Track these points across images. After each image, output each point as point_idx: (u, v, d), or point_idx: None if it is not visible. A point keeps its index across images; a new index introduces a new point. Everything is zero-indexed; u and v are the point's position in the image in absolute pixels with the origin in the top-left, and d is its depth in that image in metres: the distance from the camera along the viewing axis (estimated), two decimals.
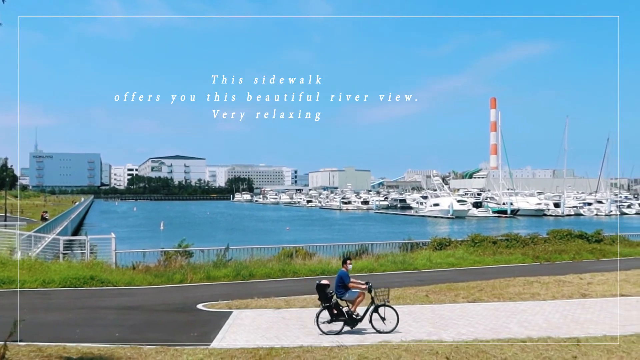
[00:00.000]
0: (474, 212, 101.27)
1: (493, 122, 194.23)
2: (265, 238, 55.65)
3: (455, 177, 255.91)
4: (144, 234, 63.72)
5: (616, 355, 10.46)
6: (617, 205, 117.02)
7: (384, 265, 24.50)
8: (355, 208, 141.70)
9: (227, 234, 61.68)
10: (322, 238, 54.27)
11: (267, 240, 47.25)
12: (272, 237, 59.84)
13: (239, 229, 75.44)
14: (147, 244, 38.99)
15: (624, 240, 32.01)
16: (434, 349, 10.74)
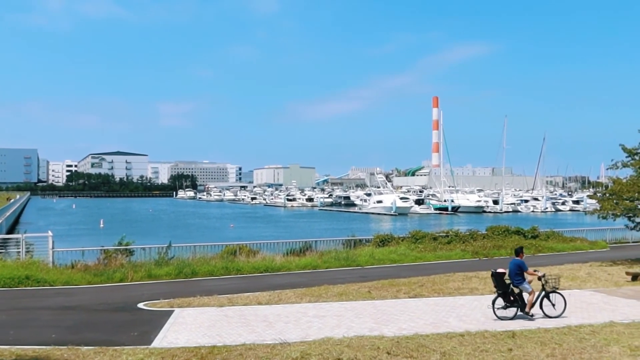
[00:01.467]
0: (416, 209, 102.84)
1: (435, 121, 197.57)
2: (208, 235, 55.10)
3: (399, 174, 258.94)
4: (83, 232, 62.09)
5: (549, 347, 10.85)
6: (552, 202, 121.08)
7: (328, 262, 24.65)
8: (300, 205, 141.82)
9: (170, 232, 60.77)
10: (266, 235, 54.14)
11: (210, 238, 46.83)
12: (215, 234, 59.31)
13: (182, 227, 74.43)
14: (87, 242, 38.04)
15: (558, 236, 33.14)
16: (375, 344, 10.90)
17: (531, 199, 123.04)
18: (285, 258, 25.26)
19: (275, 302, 16.06)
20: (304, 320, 13.50)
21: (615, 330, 12.35)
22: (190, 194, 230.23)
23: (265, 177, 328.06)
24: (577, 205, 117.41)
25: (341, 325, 12.87)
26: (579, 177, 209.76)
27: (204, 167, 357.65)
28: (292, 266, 23.81)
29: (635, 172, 26.14)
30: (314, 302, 16.05)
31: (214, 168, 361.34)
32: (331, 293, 17.52)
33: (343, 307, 15.25)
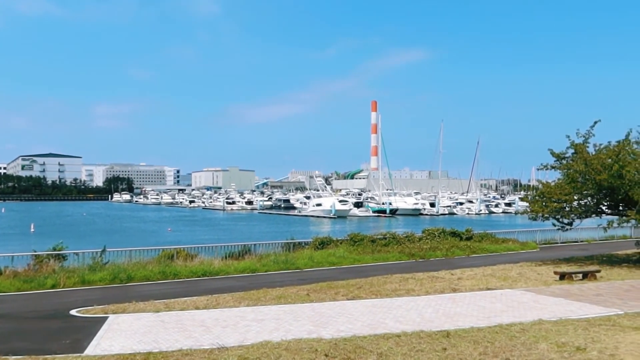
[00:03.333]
0: (355, 212, 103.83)
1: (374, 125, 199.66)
2: (145, 239, 53.98)
3: (338, 177, 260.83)
4: (12, 237, 59.71)
5: (481, 345, 11.16)
6: (486, 204, 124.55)
7: (267, 266, 24.60)
8: (240, 208, 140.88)
9: (105, 236, 59.12)
10: (204, 239, 53.43)
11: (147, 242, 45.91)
12: (152, 238, 58.17)
13: (118, 231, 72.65)
14: (16, 247, 36.58)
15: (491, 237, 34.13)
16: (313, 346, 10.96)
17: (466, 201, 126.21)
18: (224, 262, 25.06)
19: (213, 307, 15.91)
20: (242, 324, 13.44)
21: (543, 327, 12.81)
22: (127, 197, 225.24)
23: (204, 180, 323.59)
24: (509, 207, 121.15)
25: (280, 328, 12.87)
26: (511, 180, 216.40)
27: (140, 169, 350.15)
28: (231, 270, 23.65)
29: (562, 175, 27.23)
30: (252, 305, 16.00)
31: (152, 171, 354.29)
32: (270, 296, 17.50)
33: (282, 310, 15.25)
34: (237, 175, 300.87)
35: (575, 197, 27.07)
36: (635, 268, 24.40)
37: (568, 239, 36.21)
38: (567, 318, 13.94)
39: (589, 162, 25.31)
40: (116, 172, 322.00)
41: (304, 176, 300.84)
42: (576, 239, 37.13)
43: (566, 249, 33.20)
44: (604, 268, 23.89)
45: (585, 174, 25.60)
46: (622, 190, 25.00)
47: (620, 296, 17.44)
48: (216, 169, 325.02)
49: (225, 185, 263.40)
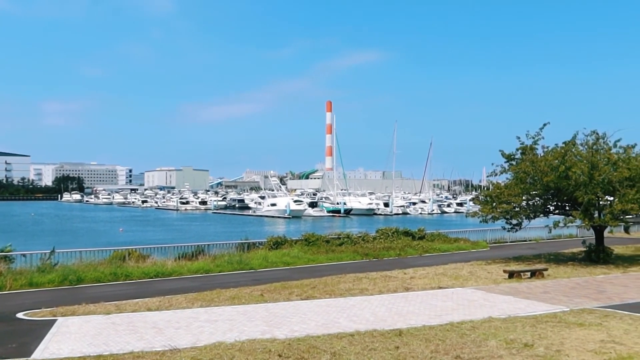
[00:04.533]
0: (309, 212, 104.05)
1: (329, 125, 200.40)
2: (96, 240, 52.99)
3: (293, 177, 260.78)
4: None
5: (433, 343, 11.36)
6: (438, 204, 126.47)
7: (221, 266, 24.43)
8: (194, 208, 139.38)
9: (54, 237, 57.73)
10: (157, 239, 52.66)
11: (98, 243, 45.09)
12: (104, 239, 57.09)
13: (68, 231, 71.00)
14: None
15: (443, 237, 34.68)
16: (267, 347, 10.96)
17: (419, 201, 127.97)
18: (177, 262, 24.79)
19: (166, 308, 15.73)
20: (195, 325, 13.33)
21: (493, 325, 13.12)
22: (77, 197, 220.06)
23: (157, 179, 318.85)
24: (461, 207, 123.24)
25: (233, 329, 12.82)
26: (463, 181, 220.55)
27: (91, 169, 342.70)
28: (184, 271, 23.40)
29: (512, 176, 27.89)
30: (205, 306, 15.88)
31: (103, 170, 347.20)
32: (223, 297, 17.40)
33: (235, 310, 15.19)
34: (191, 175, 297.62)
35: (524, 197, 27.77)
36: (580, 266, 25.18)
37: (517, 238, 37.06)
38: (516, 315, 14.31)
39: (537, 163, 26.01)
40: (66, 171, 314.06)
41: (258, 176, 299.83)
42: (525, 238, 38.06)
43: (515, 248, 34.00)
44: (551, 266, 24.59)
45: (534, 175, 26.28)
46: (568, 191, 25.77)
47: (566, 293, 17.98)
48: (170, 169, 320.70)
49: (178, 185, 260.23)
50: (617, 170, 25.40)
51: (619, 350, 10.83)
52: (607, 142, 26.98)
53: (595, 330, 12.61)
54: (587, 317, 14.03)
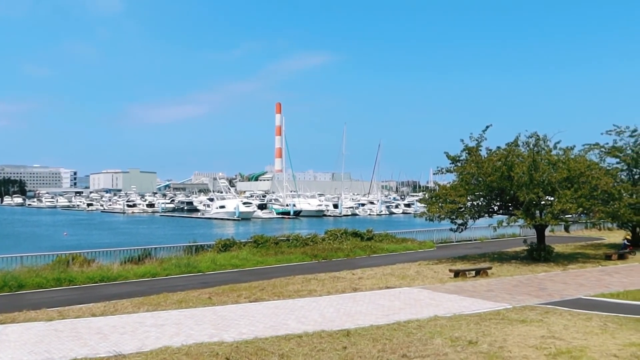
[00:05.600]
0: (259, 214, 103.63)
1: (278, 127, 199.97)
2: (39, 245, 51.27)
3: (242, 179, 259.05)
4: None
5: (380, 343, 11.50)
6: (387, 205, 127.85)
7: (168, 269, 24.08)
8: (141, 211, 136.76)
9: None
10: (103, 243, 51.59)
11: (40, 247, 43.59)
12: (46, 243, 55.31)
13: (8, 235, 68.53)
14: None
15: (391, 237, 35.09)
16: (214, 350, 10.88)
17: (368, 202, 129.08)
18: (123, 266, 24.31)
19: (111, 313, 15.42)
20: (141, 330, 13.11)
21: (438, 323, 13.37)
22: (18, 201, 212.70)
23: (103, 182, 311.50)
24: (409, 208, 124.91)
25: (180, 333, 12.67)
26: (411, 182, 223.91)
27: (34, 171, 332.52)
28: (130, 275, 22.96)
29: (457, 177, 28.47)
30: (152, 311, 15.64)
31: (46, 173, 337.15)
32: (170, 301, 17.17)
33: (182, 314, 15.01)
34: (138, 177, 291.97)
35: (469, 198, 28.39)
36: (523, 264, 25.89)
37: (463, 238, 37.81)
38: (461, 313, 14.63)
39: (481, 164, 26.63)
40: (7, 174, 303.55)
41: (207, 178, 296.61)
42: (470, 238, 38.86)
43: (461, 247, 34.69)
44: (495, 265, 25.21)
45: (478, 176, 26.90)
46: (510, 191, 26.49)
47: (509, 291, 18.47)
48: (116, 171, 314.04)
49: (125, 187, 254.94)
50: (556, 171, 26.26)
51: (558, 345, 11.20)
52: (548, 144, 27.88)
53: (537, 326, 13.01)
54: (529, 314, 14.47)
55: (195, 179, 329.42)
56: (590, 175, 26.40)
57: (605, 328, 12.75)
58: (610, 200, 27.65)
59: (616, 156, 33.10)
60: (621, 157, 33.26)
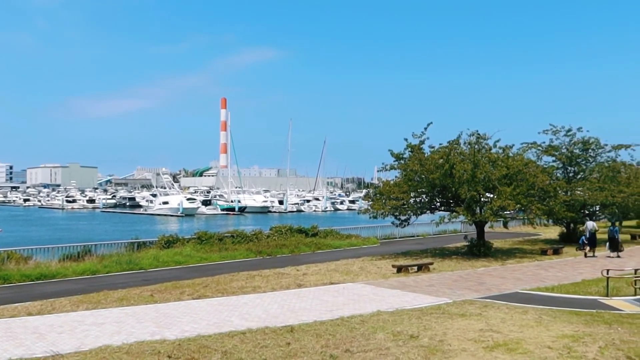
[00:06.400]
0: (203, 210, 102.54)
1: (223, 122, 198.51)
2: None
3: (186, 175, 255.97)
4: None
5: (324, 338, 11.58)
6: (332, 202, 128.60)
7: (109, 267, 23.61)
8: (81, 207, 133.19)
9: None
10: (41, 240, 49.98)
11: None
12: None
13: None
14: None
15: (336, 233, 35.35)
16: (156, 348, 10.74)
17: (313, 199, 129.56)
18: (62, 264, 23.70)
19: (48, 312, 14.99)
20: (80, 329, 12.80)
21: (381, 318, 13.57)
22: None
23: (41, 177, 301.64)
24: (354, 204, 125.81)
25: (121, 331, 12.44)
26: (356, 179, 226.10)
27: None
28: (69, 272, 22.38)
29: (400, 174, 28.91)
30: (92, 309, 15.29)
31: None
32: (111, 299, 16.83)
33: (124, 312, 14.74)
34: (78, 172, 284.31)
35: (412, 194, 28.88)
36: (463, 260, 26.53)
37: (406, 234, 38.47)
38: (403, 308, 14.88)
39: (424, 162, 27.12)
40: None
41: (150, 173, 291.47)
42: (413, 234, 39.56)
43: (404, 243, 35.25)
44: (437, 260, 25.72)
45: (421, 173, 27.38)
46: (452, 188, 27.07)
47: (449, 286, 18.90)
48: (55, 165, 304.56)
49: (64, 182, 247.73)
50: (496, 168, 26.99)
51: (496, 338, 11.54)
52: (488, 143, 28.63)
53: (476, 320, 13.37)
54: (468, 308, 14.85)
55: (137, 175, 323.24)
56: (527, 173, 27.31)
57: (540, 321, 13.21)
58: (546, 198, 28.68)
59: (552, 155, 34.37)
60: (557, 155, 34.57)
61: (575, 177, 35.47)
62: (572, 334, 11.83)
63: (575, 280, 20.29)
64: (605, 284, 17.22)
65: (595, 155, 35.71)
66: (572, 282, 19.87)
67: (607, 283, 17.16)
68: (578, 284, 19.43)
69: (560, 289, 18.23)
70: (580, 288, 18.45)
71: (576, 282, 19.86)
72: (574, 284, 19.44)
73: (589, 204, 34.97)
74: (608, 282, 17.17)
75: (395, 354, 10.36)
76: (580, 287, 18.71)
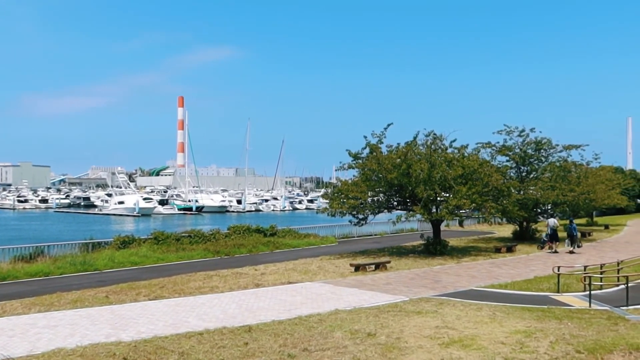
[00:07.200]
0: (160, 210, 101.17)
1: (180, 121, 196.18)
2: None
3: (143, 174, 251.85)
4: None
5: (282, 338, 11.60)
6: (290, 201, 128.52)
7: (62, 268, 23.11)
8: (33, 207, 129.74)
9: None
10: None
11: None
12: None
13: None
14: None
15: (294, 233, 35.37)
16: (111, 350, 10.58)
17: (271, 198, 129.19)
18: (12, 265, 23.10)
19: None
20: (32, 332, 12.50)
21: (339, 317, 13.66)
22: None
23: None
24: (312, 204, 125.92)
25: (75, 334, 12.21)
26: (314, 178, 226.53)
27: None
28: (21, 274, 21.83)
29: (358, 173, 29.12)
30: (44, 311, 14.95)
31: None
32: (65, 300, 16.49)
33: (78, 314, 14.46)
34: (30, 171, 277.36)
35: (370, 194, 29.12)
36: (420, 258, 26.88)
37: (363, 233, 38.76)
38: (361, 307, 15.01)
39: (381, 161, 27.38)
40: None
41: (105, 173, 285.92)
42: (371, 233, 39.88)
43: (362, 242, 35.51)
44: (394, 259, 25.99)
45: (378, 172, 27.63)
46: (409, 187, 27.40)
47: (406, 284, 19.14)
48: (5, 164, 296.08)
49: (16, 182, 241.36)
50: (452, 168, 27.42)
51: (451, 334, 11.76)
52: (444, 143, 29.07)
53: (431, 317, 13.58)
54: (425, 306, 15.07)
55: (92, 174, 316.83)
56: (482, 173, 27.84)
57: (494, 317, 13.51)
58: (500, 197, 29.28)
59: (506, 154, 35.11)
60: (510, 155, 35.35)
61: (528, 176, 36.33)
62: (524, 330, 12.14)
63: (528, 277, 20.81)
64: (557, 281, 17.74)
65: (547, 155, 36.70)
66: (524, 279, 20.37)
67: (558, 280, 17.69)
68: (530, 280, 19.93)
69: (513, 286, 18.69)
70: (533, 285, 18.94)
71: (528, 279, 20.37)
72: (526, 280, 19.94)
73: (541, 203, 35.88)
74: (559, 278, 17.70)
75: (353, 352, 10.45)
76: (533, 283, 19.21)
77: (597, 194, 38.95)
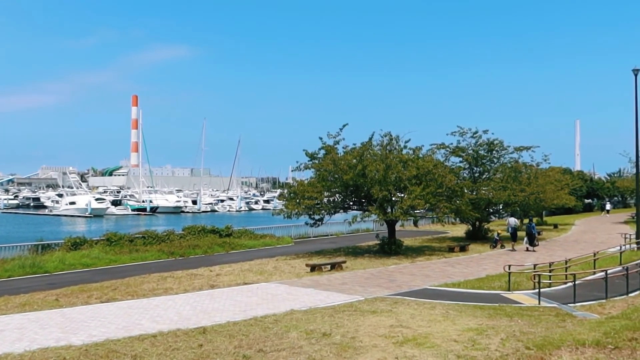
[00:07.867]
0: (113, 211, 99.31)
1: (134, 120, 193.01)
2: None
3: (95, 174, 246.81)
4: None
5: (237, 339, 11.53)
6: (246, 202, 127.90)
7: (10, 271, 22.53)
8: None
9: None
10: None
11: None
12: None
13: None
14: None
15: (250, 233, 35.24)
16: (61, 355, 10.34)
17: (227, 199, 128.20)
18: None
19: None
20: None
21: (294, 317, 13.66)
22: None
23: None
24: (268, 204, 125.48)
25: (23, 338, 11.88)
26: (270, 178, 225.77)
27: None
28: None
29: (315, 174, 29.20)
30: None
31: None
32: (12, 304, 16.06)
33: (26, 318, 14.09)
34: None
35: (326, 194, 29.24)
36: (375, 258, 27.12)
37: (319, 233, 38.88)
38: (316, 307, 15.05)
39: (337, 162, 27.52)
40: None
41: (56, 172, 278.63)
42: (327, 233, 40.04)
43: (318, 242, 35.62)
44: (350, 259, 26.16)
45: (334, 173, 27.77)
46: (364, 187, 27.62)
47: (362, 284, 19.29)
48: None
49: None
50: (407, 169, 27.76)
51: (405, 333, 11.89)
52: (399, 144, 29.40)
53: (386, 316, 13.71)
54: (379, 305, 15.21)
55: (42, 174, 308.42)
56: (436, 173, 28.25)
57: (447, 315, 13.73)
58: (454, 197, 29.79)
59: (459, 155, 35.74)
60: (463, 156, 35.99)
61: (480, 177, 37.06)
62: (476, 327, 12.37)
63: (480, 275, 21.23)
64: (507, 279, 18.15)
65: (499, 156, 37.50)
66: (477, 277, 20.78)
67: (509, 278, 18.10)
68: (482, 279, 20.34)
69: (466, 285, 19.04)
70: (485, 283, 19.34)
71: (481, 277, 20.78)
72: (478, 279, 20.34)
73: (493, 203, 36.65)
74: (510, 277, 18.11)
75: (308, 352, 10.47)
76: (485, 282, 19.61)
77: (547, 194, 40.07)
